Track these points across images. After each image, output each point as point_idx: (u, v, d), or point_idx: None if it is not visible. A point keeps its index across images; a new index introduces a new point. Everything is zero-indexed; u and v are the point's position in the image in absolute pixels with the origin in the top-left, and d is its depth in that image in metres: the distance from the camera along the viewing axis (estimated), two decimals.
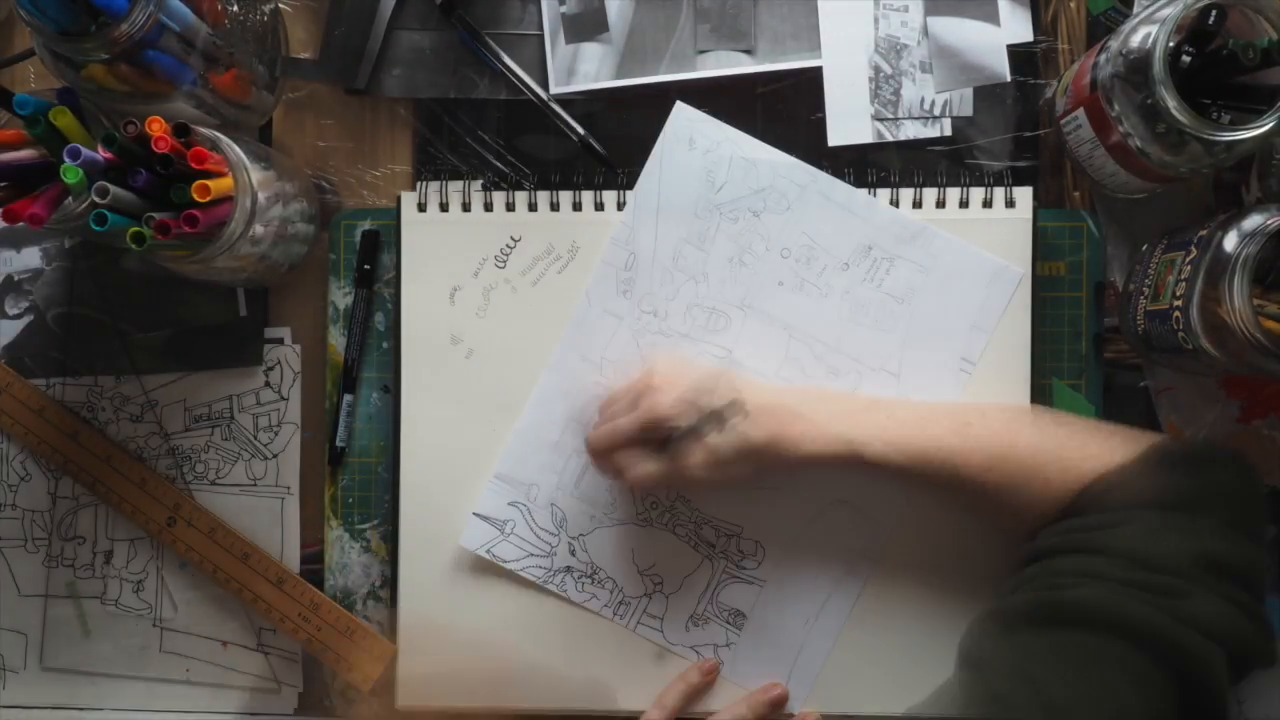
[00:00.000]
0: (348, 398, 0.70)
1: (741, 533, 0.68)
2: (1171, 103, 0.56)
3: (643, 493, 0.68)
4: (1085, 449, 0.59)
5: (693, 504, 0.68)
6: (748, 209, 0.68)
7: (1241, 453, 0.59)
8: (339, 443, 0.70)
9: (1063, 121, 0.66)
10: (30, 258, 0.72)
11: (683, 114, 0.68)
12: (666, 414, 0.61)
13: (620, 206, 0.69)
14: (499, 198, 0.69)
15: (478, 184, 0.70)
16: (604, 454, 0.64)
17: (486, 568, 0.69)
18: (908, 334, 0.67)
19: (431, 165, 0.71)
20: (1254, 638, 0.52)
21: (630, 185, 0.69)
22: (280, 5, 0.70)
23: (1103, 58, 0.61)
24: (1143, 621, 0.51)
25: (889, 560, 0.67)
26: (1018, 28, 0.69)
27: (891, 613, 0.67)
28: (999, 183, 0.68)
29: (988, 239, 0.67)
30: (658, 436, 0.62)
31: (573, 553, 0.68)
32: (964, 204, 0.68)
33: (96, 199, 0.54)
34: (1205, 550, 0.53)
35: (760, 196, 0.68)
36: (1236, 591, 0.53)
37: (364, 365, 0.70)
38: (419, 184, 0.70)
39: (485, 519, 0.68)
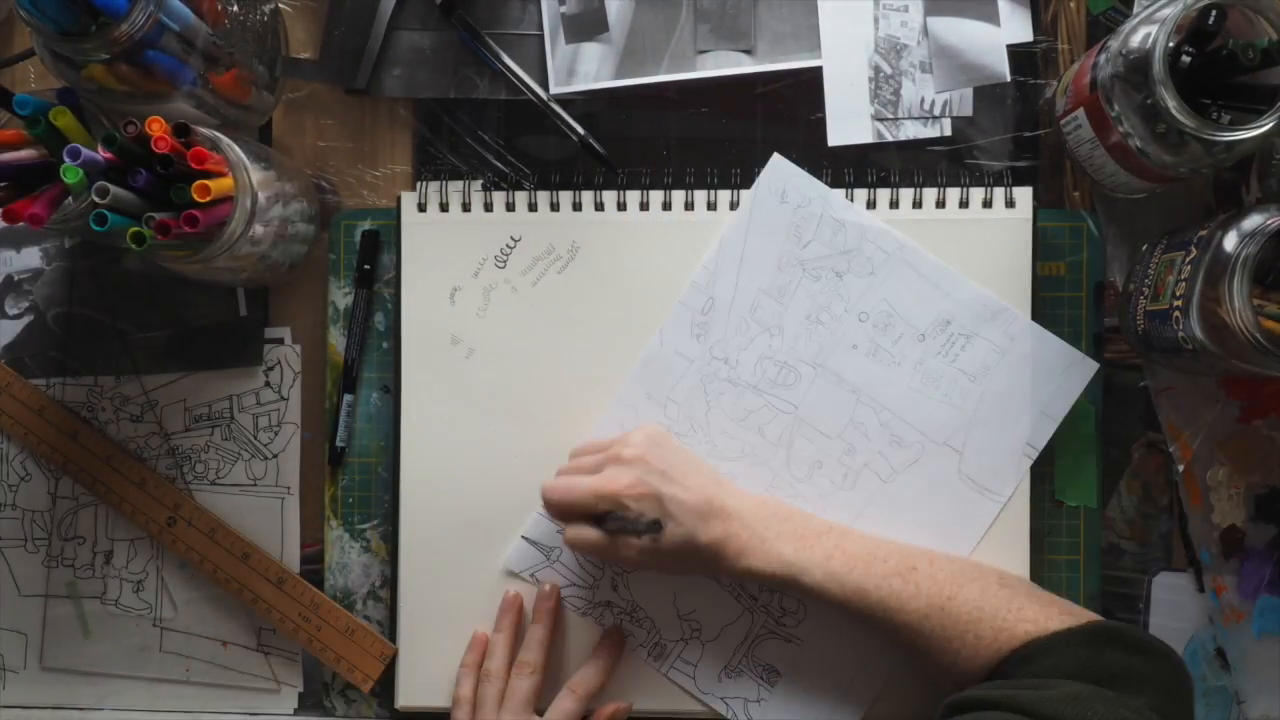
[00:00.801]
0: (348, 398, 0.70)
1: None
2: (1171, 103, 0.56)
3: (577, 553, 0.68)
4: (1022, 612, 0.59)
5: None
6: (831, 269, 0.67)
7: (1176, 653, 0.58)
8: (339, 443, 0.70)
9: (1063, 121, 0.66)
10: (30, 258, 0.72)
11: (779, 167, 0.68)
12: (622, 492, 0.61)
13: (621, 206, 0.69)
14: (499, 198, 0.69)
15: (478, 184, 0.70)
16: (554, 505, 0.63)
17: (487, 567, 0.69)
18: (976, 413, 0.67)
19: (431, 165, 0.71)
20: None
21: (630, 185, 0.69)
22: (280, 5, 0.70)
23: (1103, 58, 0.61)
24: None
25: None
26: (1018, 28, 0.69)
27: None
28: (999, 183, 0.68)
29: (988, 239, 0.67)
30: (607, 507, 0.62)
31: (614, 588, 0.68)
32: (964, 204, 0.68)
33: (96, 199, 0.54)
34: None
35: (845, 258, 0.67)
36: None
37: (364, 365, 0.70)
38: (419, 184, 0.70)
39: (533, 543, 0.68)
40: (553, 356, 0.69)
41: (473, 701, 0.66)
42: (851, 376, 0.67)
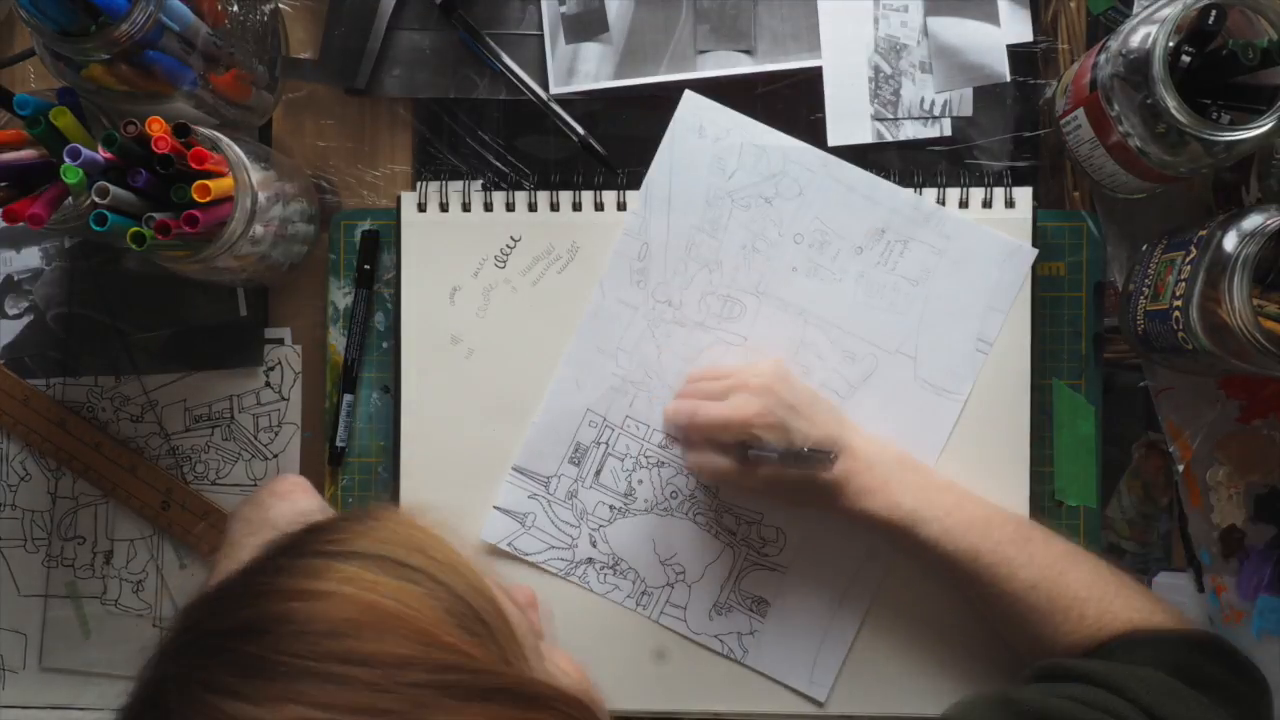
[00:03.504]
0: (348, 397, 0.70)
1: (762, 519, 0.68)
2: (1171, 103, 0.56)
3: (699, 477, 0.68)
4: (1129, 601, 0.59)
5: (713, 491, 0.68)
6: (760, 196, 0.68)
7: (1269, 687, 0.58)
8: (339, 442, 0.70)
9: (1063, 121, 0.66)
10: (30, 258, 0.72)
11: (691, 102, 0.68)
12: (751, 420, 0.61)
13: (621, 206, 0.69)
14: (499, 198, 0.69)
15: (478, 184, 0.70)
16: (678, 427, 0.64)
17: (486, 568, 0.69)
18: (923, 316, 0.67)
19: (431, 165, 0.71)
20: None
21: (630, 185, 0.69)
22: (280, 5, 0.70)
23: (1103, 58, 0.61)
24: None
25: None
26: (1018, 28, 0.69)
27: (913, 611, 0.67)
28: (999, 183, 0.68)
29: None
30: (733, 435, 0.62)
31: (594, 544, 0.68)
32: (964, 204, 0.68)
33: (96, 199, 0.54)
34: None
35: (772, 182, 0.68)
36: None
37: (364, 365, 0.70)
38: (419, 184, 0.70)
39: (506, 512, 0.69)
40: (552, 356, 0.69)
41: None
42: (795, 299, 0.67)
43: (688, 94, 0.68)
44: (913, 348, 0.67)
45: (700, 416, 0.63)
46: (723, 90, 0.70)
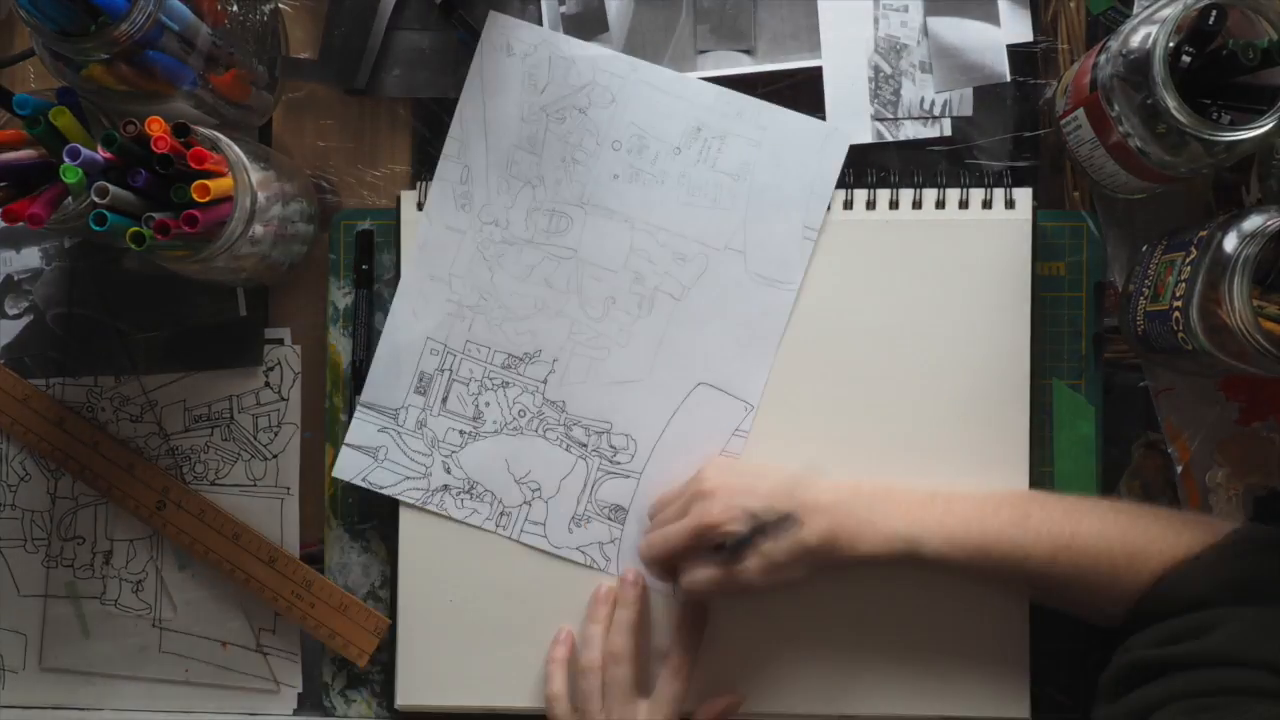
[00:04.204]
0: (360, 399, 0.70)
1: (612, 429, 0.68)
2: (1171, 103, 0.56)
3: (699, 598, 0.66)
4: (1149, 532, 0.58)
5: (559, 405, 0.68)
6: (574, 107, 0.68)
7: None
8: None
9: (1063, 121, 0.66)
10: (30, 258, 0.72)
11: (496, 21, 0.69)
12: (717, 521, 0.61)
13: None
14: None
15: None
16: (656, 561, 0.64)
17: (487, 567, 0.69)
18: (748, 210, 0.67)
19: (431, 165, 0.71)
20: None
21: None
22: (280, 5, 0.70)
23: (1103, 58, 0.61)
24: None
25: None
26: (1018, 28, 0.69)
27: (897, 609, 0.67)
28: (999, 183, 0.68)
29: (987, 239, 0.67)
30: (709, 543, 0.62)
31: (448, 470, 0.68)
32: (964, 204, 0.68)
33: (96, 199, 0.54)
34: None
35: (584, 93, 0.68)
36: None
37: (353, 365, 0.70)
38: (419, 184, 0.70)
39: (357, 448, 0.69)
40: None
41: (568, 696, 0.66)
42: (620, 206, 0.68)
43: (492, 14, 0.68)
44: (741, 242, 0.67)
45: (672, 539, 0.63)
46: None
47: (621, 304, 0.68)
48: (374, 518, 0.70)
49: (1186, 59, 0.59)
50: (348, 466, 0.69)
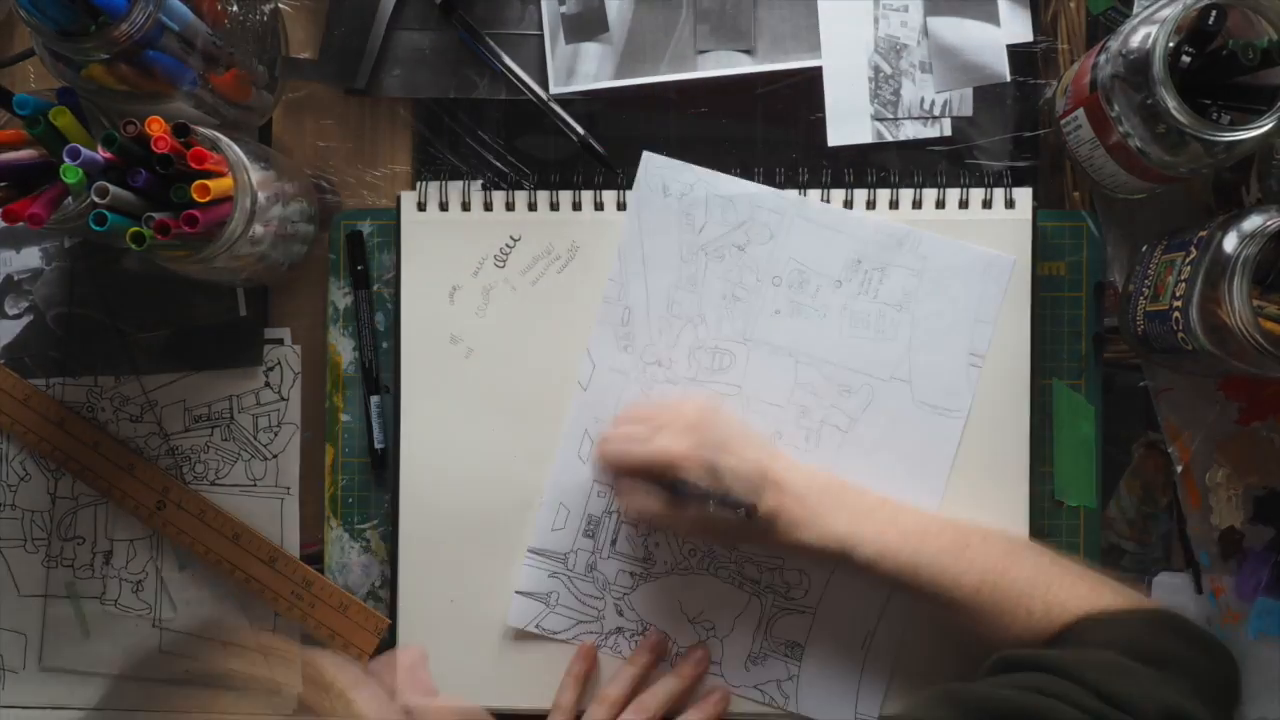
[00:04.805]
0: (375, 399, 0.70)
1: (783, 564, 0.68)
2: (1171, 103, 0.56)
3: (628, 519, 0.68)
4: (1075, 589, 0.59)
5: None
6: (732, 244, 0.68)
7: (1233, 656, 0.58)
8: (377, 445, 0.70)
9: (1063, 121, 0.66)
10: (30, 258, 0.72)
11: (652, 162, 0.68)
12: (677, 462, 0.60)
13: (621, 206, 0.69)
14: (499, 197, 0.69)
15: (477, 184, 0.70)
16: (605, 467, 0.64)
17: (487, 567, 0.69)
18: (912, 339, 0.67)
19: (431, 165, 0.71)
20: None
21: (629, 185, 0.69)
22: (280, 5, 0.70)
23: (1103, 58, 0.61)
24: None
25: None
26: (1018, 28, 0.69)
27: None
28: (999, 183, 0.68)
29: (987, 240, 0.67)
30: (661, 477, 0.61)
31: (620, 613, 0.68)
32: (964, 204, 0.68)
33: (96, 199, 0.54)
34: (1174, 707, 0.51)
35: (742, 230, 0.68)
36: None
37: (363, 365, 0.70)
38: (419, 184, 0.70)
39: (529, 595, 0.68)
40: (551, 355, 0.69)
41: (572, 713, 0.66)
42: (783, 341, 0.68)
43: (646, 155, 0.68)
44: (906, 372, 0.67)
45: (626, 459, 0.62)
46: (723, 90, 0.70)
47: (788, 438, 0.68)
48: (374, 518, 0.70)
49: (1186, 59, 0.59)
50: (521, 614, 0.68)
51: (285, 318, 0.72)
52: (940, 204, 0.68)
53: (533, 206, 0.69)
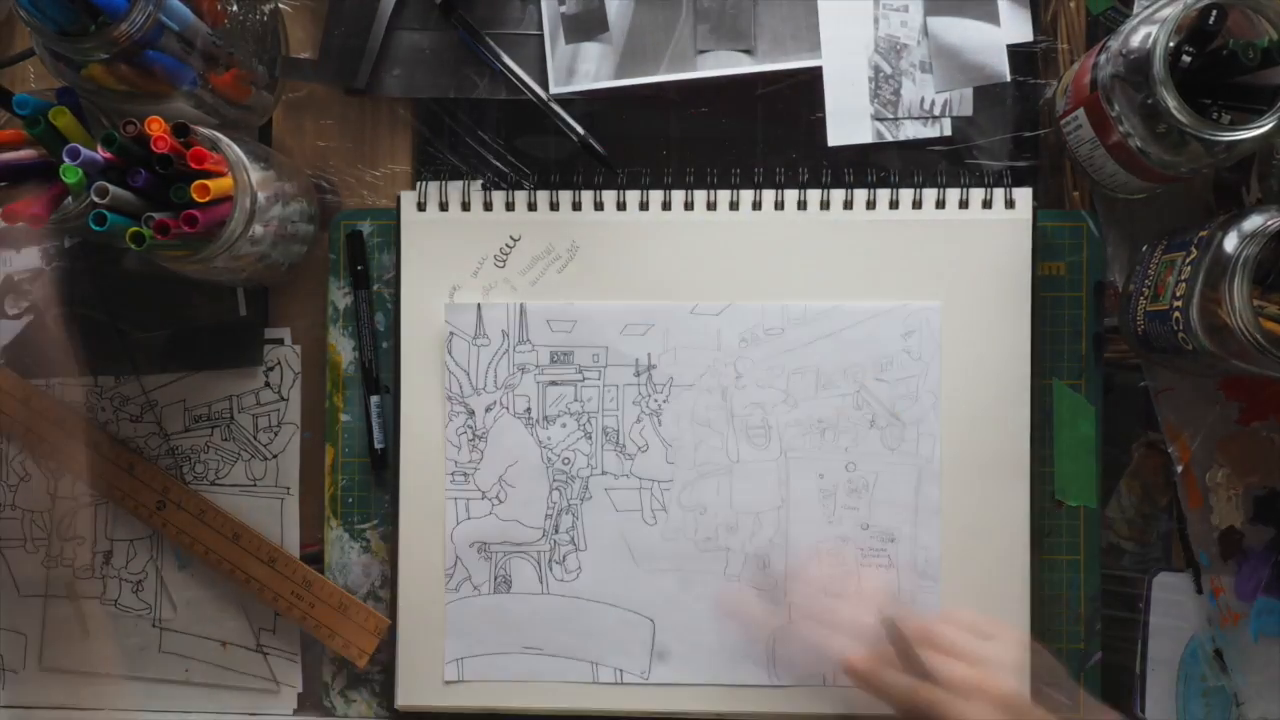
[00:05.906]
0: (375, 399, 0.70)
1: None
2: (1171, 103, 0.56)
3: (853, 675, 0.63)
4: None
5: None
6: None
7: None
8: (378, 445, 0.70)
9: (1063, 121, 0.66)
10: (30, 258, 0.72)
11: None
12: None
13: (621, 206, 0.69)
14: (499, 197, 0.69)
15: (477, 184, 0.70)
16: (902, 638, 0.60)
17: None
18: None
19: (431, 165, 0.71)
20: None
21: (630, 185, 0.69)
22: (280, 5, 0.70)
23: (1103, 58, 0.61)
24: None
25: None
26: (1018, 28, 0.69)
27: None
28: (999, 183, 0.68)
29: (987, 239, 0.67)
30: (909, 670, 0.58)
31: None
32: (964, 204, 0.68)
33: (96, 199, 0.54)
34: None
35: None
36: None
37: (363, 365, 0.70)
38: (419, 184, 0.70)
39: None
40: None
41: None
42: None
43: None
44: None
45: (887, 690, 0.59)
46: (723, 90, 0.70)
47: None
48: (374, 518, 0.70)
49: (1186, 59, 0.59)
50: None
51: (285, 318, 0.72)
52: (940, 204, 0.68)
53: (533, 206, 0.69)
